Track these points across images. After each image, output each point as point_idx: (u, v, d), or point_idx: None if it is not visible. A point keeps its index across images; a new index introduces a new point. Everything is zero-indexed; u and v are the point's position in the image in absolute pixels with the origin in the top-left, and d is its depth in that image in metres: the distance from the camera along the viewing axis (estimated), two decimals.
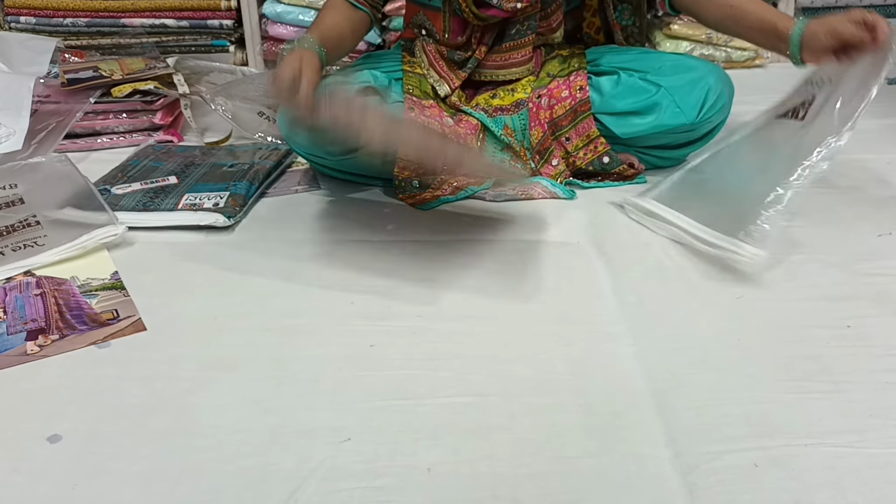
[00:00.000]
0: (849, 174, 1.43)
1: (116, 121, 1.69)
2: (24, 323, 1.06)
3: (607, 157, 1.38)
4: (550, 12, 1.42)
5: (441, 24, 1.41)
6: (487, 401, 0.89)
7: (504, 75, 1.44)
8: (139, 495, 0.78)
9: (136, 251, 1.24)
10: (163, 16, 2.05)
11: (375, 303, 1.08)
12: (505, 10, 1.34)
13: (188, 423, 0.87)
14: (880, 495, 0.75)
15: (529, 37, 1.41)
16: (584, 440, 0.83)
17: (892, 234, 1.21)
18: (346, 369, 0.95)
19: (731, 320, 1.02)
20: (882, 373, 0.91)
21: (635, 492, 0.76)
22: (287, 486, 0.78)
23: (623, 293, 1.08)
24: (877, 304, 1.04)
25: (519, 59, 1.43)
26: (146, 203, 1.34)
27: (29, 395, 0.93)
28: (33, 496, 0.78)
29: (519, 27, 1.40)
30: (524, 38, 1.41)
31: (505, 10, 1.34)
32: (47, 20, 2.05)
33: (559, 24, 1.44)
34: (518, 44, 1.41)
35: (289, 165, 1.54)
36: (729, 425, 0.84)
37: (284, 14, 2.03)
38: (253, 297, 1.10)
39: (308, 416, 0.87)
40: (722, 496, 0.75)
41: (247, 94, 1.79)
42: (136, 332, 1.04)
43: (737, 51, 2.06)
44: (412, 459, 0.81)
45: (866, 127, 1.65)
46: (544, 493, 0.76)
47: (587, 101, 1.38)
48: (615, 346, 0.98)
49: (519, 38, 1.41)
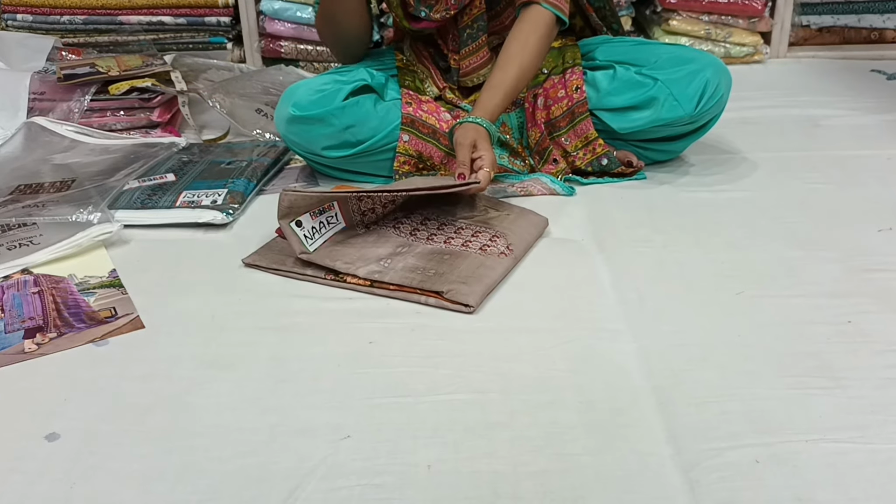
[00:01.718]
0: (848, 170, 1.43)
1: (114, 118, 1.69)
2: (22, 321, 1.05)
3: (606, 158, 1.38)
4: (501, 10, 1.42)
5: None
6: (487, 398, 0.88)
7: (477, 79, 1.44)
8: (138, 494, 0.77)
9: (134, 249, 1.24)
10: (160, 13, 2.04)
11: (374, 300, 1.07)
12: (434, 21, 1.34)
13: (187, 422, 0.87)
14: (882, 491, 0.74)
15: (482, 38, 1.41)
16: (584, 438, 0.82)
17: (893, 230, 1.21)
18: (345, 367, 0.94)
19: (732, 317, 1.01)
20: (883, 369, 0.91)
21: (636, 489, 0.76)
22: (287, 485, 0.77)
23: (623, 290, 1.08)
24: (877, 300, 1.04)
25: (479, 62, 1.43)
26: (144, 200, 1.34)
27: (27, 393, 0.92)
28: (31, 495, 0.77)
29: (469, 31, 1.40)
30: (476, 40, 1.41)
31: (434, 20, 1.34)
32: (44, 18, 2.05)
33: (512, 21, 1.40)
34: (473, 48, 1.41)
35: (287, 162, 1.54)
36: (730, 422, 0.83)
37: (282, 11, 2.03)
38: (251, 295, 1.10)
39: (307, 415, 0.87)
40: (723, 493, 0.75)
41: (244, 90, 1.78)
42: (135, 330, 1.03)
43: (735, 46, 2.06)
44: (412, 457, 0.80)
45: (866, 123, 1.65)
46: (545, 491, 0.76)
47: (584, 101, 1.38)
48: (615, 343, 0.97)
49: (471, 42, 1.41)
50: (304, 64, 2.09)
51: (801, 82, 1.93)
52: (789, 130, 1.62)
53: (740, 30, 2.06)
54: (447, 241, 1.16)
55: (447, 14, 1.35)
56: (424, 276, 1.08)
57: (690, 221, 1.26)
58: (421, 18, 1.35)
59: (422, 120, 1.38)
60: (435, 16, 1.34)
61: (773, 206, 1.30)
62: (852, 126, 1.64)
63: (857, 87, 1.87)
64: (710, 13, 2.04)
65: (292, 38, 2.07)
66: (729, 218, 1.27)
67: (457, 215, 1.23)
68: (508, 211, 1.24)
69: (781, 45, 2.11)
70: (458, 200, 1.25)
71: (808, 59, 2.10)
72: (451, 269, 1.09)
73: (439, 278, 1.07)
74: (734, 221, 1.25)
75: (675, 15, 2.06)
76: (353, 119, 1.35)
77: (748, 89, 1.85)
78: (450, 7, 1.34)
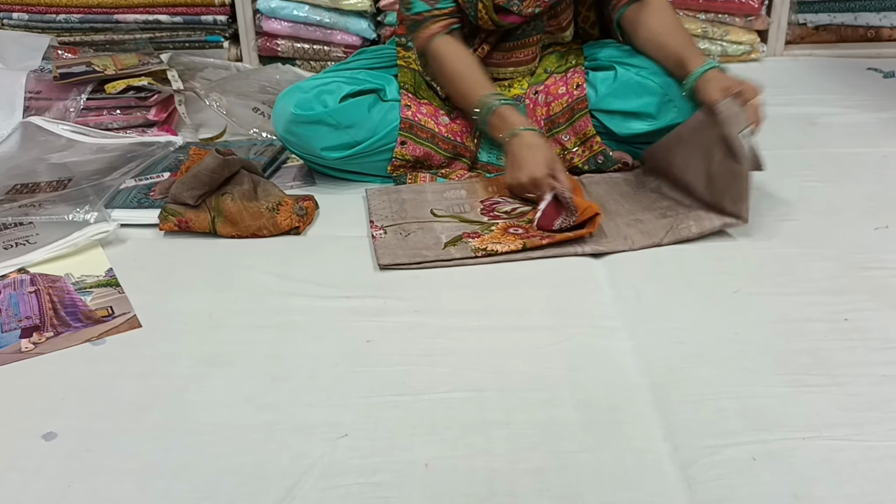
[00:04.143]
0: (845, 168, 1.43)
1: (110, 117, 1.68)
2: (19, 320, 1.05)
3: (602, 156, 1.38)
4: (560, 11, 1.42)
5: None
6: (485, 396, 0.88)
7: (503, 73, 1.44)
8: (134, 492, 0.77)
9: (130, 248, 1.24)
10: (156, 12, 2.04)
11: (371, 299, 1.07)
12: (523, 16, 1.34)
13: (184, 420, 0.87)
14: (878, 488, 0.75)
15: (535, 37, 1.41)
16: (581, 435, 0.82)
17: (889, 228, 1.21)
18: (342, 365, 0.94)
19: (728, 314, 1.02)
20: (879, 366, 0.91)
21: (633, 486, 0.76)
22: (284, 483, 0.77)
23: (620, 287, 1.08)
24: (874, 297, 1.04)
25: (522, 58, 1.43)
26: (141, 199, 1.34)
27: (24, 392, 0.92)
28: (29, 494, 0.77)
29: (525, 27, 1.39)
30: (530, 38, 1.41)
31: (523, 15, 1.33)
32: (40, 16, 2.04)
33: (569, 23, 1.44)
34: (523, 43, 1.41)
35: (284, 161, 1.54)
36: (727, 419, 0.83)
37: (279, 9, 2.02)
38: (248, 294, 1.10)
39: (305, 413, 0.87)
40: (720, 490, 0.75)
41: (241, 89, 1.78)
42: (131, 328, 1.03)
43: (732, 45, 2.06)
44: (410, 455, 0.80)
45: (863, 121, 1.65)
46: (542, 488, 0.76)
47: (584, 98, 1.38)
48: (612, 340, 0.97)
49: (524, 38, 1.40)
50: (301, 63, 2.09)
51: (798, 80, 1.93)
52: (786, 128, 1.62)
53: (737, 28, 2.06)
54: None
55: (537, 10, 1.34)
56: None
57: None
58: (510, 12, 1.34)
59: (420, 124, 1.38)
60: (526, 10, 1.33)
61: (769, 203, 1.30)
62: (849, 124, 1.64)
63: (854, 85, 1.88)
64: (706, 11, 2.04)
65: (289, 37, 2.07)
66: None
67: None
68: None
69: (778, 44, 2.11)
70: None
71: (804, 57, 2.10)
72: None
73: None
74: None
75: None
76: (352, 120, 1.35)
77: None
78: (541, 3, 1.34)
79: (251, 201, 1.25)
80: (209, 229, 1.24)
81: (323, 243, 1.23)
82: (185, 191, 1.24)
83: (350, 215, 1.31)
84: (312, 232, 1.27)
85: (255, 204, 1.25)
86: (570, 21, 1.44)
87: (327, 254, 1.20)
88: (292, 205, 1.26)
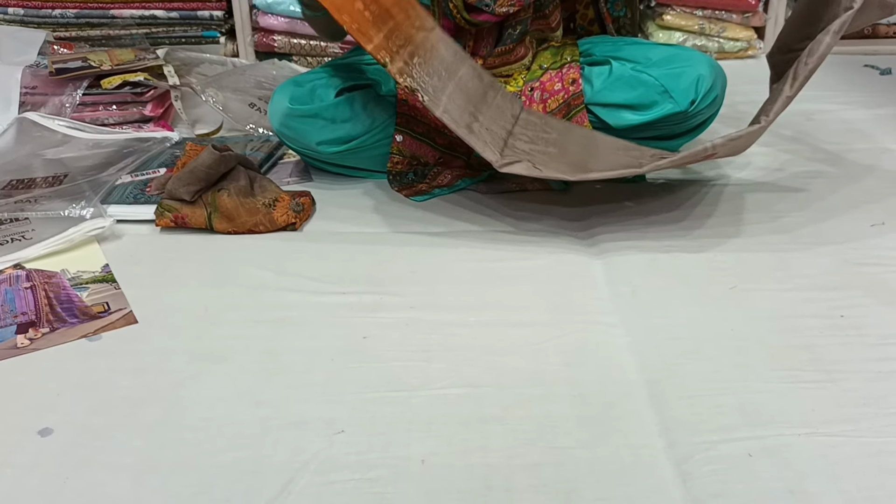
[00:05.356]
0: (841, 164, 1.43)
1: (106, 113, 1.68)
2: (15, 316, 1.05)
3: None
4: (549, 13, 1.41)
5: None
6: (481, 392, 0.89)
7: (500, 72, 1.44)
8: (130, 488, 0.77)
9: (126, 244, 1.24)
10: (153, 7, 2.03)
11: (368, 294, 1.07)
12: (497, 15, 1.33)
13: (180, 416, 0.86)
14: (873, 484, 0.75)
15: (525, 37, 1.41)
16: (577, 431, 0.82)
17: (885, 224, 1.21)
18: (338, 361, 0.94)
19: (724, 310, 1.02)
20: (875, 362, 0.91)
21: (629, 482, 0.76)
22: (280, 479, 0.77)
23: (616, 283, 1.08)
24: (870, 293, 1.04)
25: (513, 58, 1.43)
26: (137, 195, 1.33)
27: (19, 388, 0.92)
28: (24, 489, 0.77)
29: (510, 31, 1.39)
30: (518, 41, 1.41)
31: (497, 14, 1.33)
32: (36, 11, 2.03)
33: (558, 24, 1.44)
34: (510, 48, 1.41)
35: (280, 157, 1.54)
36: (722, 415, 0.84)
37: (275, 5, 2.02)
38: (244, 289, 1.10)
39: (300, 408, 0.87)
40: (716, 486, 0.75)
41: (238, 85, 1.78)
42: (127, 324, 1.03)
43: (729, 41, 2.06)
44: (406, 451, 0.80)
45: (859, 117, 1.66)
46: (538, 484, 0.76)
47: (580, 94, 1.38)
48: (608, 336, 0.98)
49: (511, 42, 1.40)
50: (298, 58, 2.09)
51: None
52: (782, 124, 1.62)
53: (734, 25, 2.06)
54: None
55: (510, 10, 1.34)
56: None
57: (683, 215, 1.26)
58: (483, 11, 1.34)
59: (416, 119, 1.38)
60: (499, 10, 1.33)
61: (765, 199, 1.30)
62: (845, 120, 1.64)
63: (851, 82, 1.88)
64: (703, 8, 2.04)
65: (285, 32, 2.07)
66: (721, 211, 1.27)
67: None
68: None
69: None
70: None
71: None
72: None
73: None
74: (726, 215, 1.26)
75: (668, 10, 2.06)
76: (348, 114, 1.34)
77: (742, 84, 1.84)
78: (515, 2, 1.33)
79: (247, 197, 1.25)
80: (205, 225, 1.24)
81: (319, 239, 1.23)
82: (181, 186, 1.23)
83: (347, 211, 1.31)
84: (309, 228, 1.27)
85: (252, 200, 1.25)
86: (560, 22, 1.43)
87: (324, 250, 1.20)
88: (289, 201, 1.26)
